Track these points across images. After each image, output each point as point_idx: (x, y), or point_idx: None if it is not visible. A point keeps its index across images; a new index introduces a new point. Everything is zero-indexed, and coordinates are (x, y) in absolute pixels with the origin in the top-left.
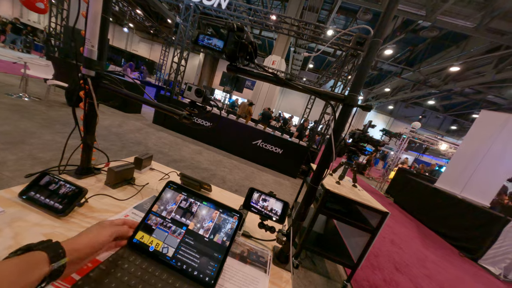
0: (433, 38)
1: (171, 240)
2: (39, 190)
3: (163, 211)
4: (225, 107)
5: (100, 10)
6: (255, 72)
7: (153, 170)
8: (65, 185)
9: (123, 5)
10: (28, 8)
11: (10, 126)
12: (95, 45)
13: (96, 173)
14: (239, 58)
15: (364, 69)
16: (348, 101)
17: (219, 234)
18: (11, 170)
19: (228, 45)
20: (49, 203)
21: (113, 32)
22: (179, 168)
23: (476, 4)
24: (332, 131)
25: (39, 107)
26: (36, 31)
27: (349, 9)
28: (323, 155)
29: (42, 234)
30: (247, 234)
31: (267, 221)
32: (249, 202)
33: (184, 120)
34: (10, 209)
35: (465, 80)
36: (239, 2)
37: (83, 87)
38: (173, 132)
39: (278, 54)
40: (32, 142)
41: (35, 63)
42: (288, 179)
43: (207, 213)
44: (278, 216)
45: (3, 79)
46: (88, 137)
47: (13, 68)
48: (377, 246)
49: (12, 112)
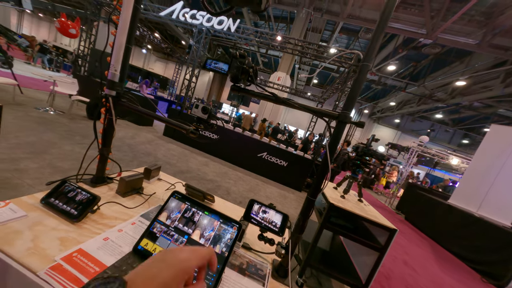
0: (436, 54)
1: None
2: (58, 197)
3: (168, 220)
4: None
5: (124, 41)
6: (256, 92)
7: (160, 180)
8: (81, 193)
9: (143, 30)
10: (62, 34)
11: (35, 137)
12: (118, 70)
13: (109, 182)
14: (242, 80)
15: (355, 90)
16: (341, 118)
17: (219, 244)
18: (32, 178)
19: (231, 69)
20: (66, 208)
21: (133, 53)
22: (185, 179)
23: (477, 22)
24: (328, 145)
25: (62, 120)
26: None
27: (351, 29)
28: (320, 168)
29: (57, 238)
30: (247, 246)
31: (267, 233)
32: (249, 214)
33: (191, 135)
34: (32, 213)
35: (473, 94)
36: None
37: (104, 105)
38: (181, 144)
39: (284, 71)
40: (53, 152)
41: (63, 81)
42: (293, 192)
43: (208, 223)
44: (278, 228)
45: (34, 95)
46: (104, 149)
47: (44, 85)
48: (388, 267)
49: (38, 124)
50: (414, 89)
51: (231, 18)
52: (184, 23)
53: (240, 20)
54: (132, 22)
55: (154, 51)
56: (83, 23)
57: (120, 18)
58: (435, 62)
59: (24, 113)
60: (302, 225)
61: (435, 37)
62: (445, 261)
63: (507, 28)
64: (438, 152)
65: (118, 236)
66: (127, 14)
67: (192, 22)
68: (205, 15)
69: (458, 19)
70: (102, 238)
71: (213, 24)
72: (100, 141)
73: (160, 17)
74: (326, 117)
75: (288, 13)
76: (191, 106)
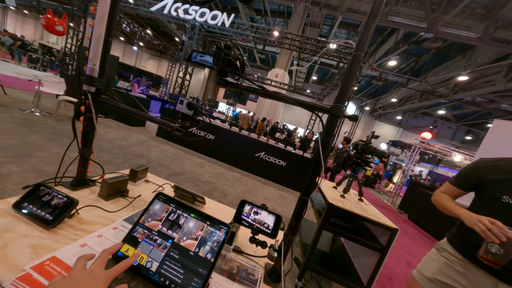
0: (437, 48)
1: (156, 253)
2: (32, 201)
3: (151, 223)
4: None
5: (103, 33)
6: (244, 85)
7: (148, 182)
8: (58, 196)
9: (134, 26)
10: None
11: (18, 140)
12: (97, 64)
13: (91, 185)
14: (228, 73)
15: (348, 81)
16: (334, 112)
17: (205, 248)
18: (15, 182)
19: (217, 61)
20: (40, 214)
21: (124, 51)
22: (180, 181)
23: (478, 15)
24: (320, 142)
25: (48, 121)
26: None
27: (350, 23)
28: (313, 166)
29: (29, 245)
30: (239, 249)
31: (259, 235)
32: (240, 215)
33: (176, 132)
34: (2, 219)
35: (475, 89)
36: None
37: (83, 102)
38: (175, 145)
39: (281, 67)
40: (38, 155)
41: (49, 80)
42: (293, 193)
43: (194, 226)
44: (270, 230)
45: (19, 95)
46: (85, 150)
47: (29, 85)
48: (390, 267)
49: (22, 127)
50: (416, 84)
51: (225, 13)
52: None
53: (236, 15)
54: (111, 12)
55: (146, 48)
56: (70, 20)
57: (98, 7)
58: (437, 57)
59: (8, 115)
60: (295, 226)
61: (436, 31)
62: None
63: (509, 21)
64: (441, 149)
65: (97, 242)
66: (106, 4)
67: (185, 17)
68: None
69: (459, 12)
70: (79, 245)
71: (207, 19)
72: (80, 141)
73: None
74: (318, 110)
75: (286, 8)
76: (175, 101)
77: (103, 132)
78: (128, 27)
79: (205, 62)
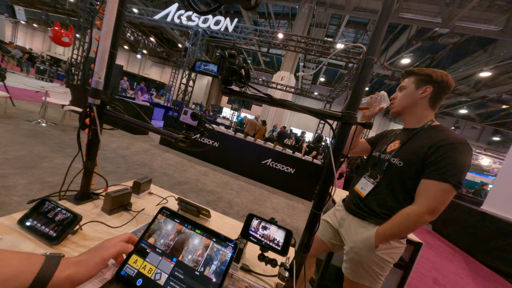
0: (455, 44)
1: (160, 273)
2: (37, 217)
3: (155, 241)
4: (233, 125)
5: (108, 47)
6: (249, 94)
7: (151, 195)
8: (62, 212)
9: (138, 34)
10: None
11: (25, 150)
12: (102, 77)
13: (95, 198)
14: (233, 81)
15: (359, 87)
16: (346, 119)
17: (211, 267)
18: (20, 194)
19: (221, 71)
20: (44, 230)
21: (128, 59)
22: (183, 190)
23: (498, 7)
24: (332, 151)
25: (54, 131)
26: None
27: (358, 22)
28: (324, 177)
29: None
30: (247, 267)
31: (268, 253)
32: (248, 230)
33: (180, 143)
34: (7, 236)
35: (500, 85)
36: (245, 24)
37: (88, 115)
38: (179, 153)
39: (287, 70)
40: (43, 166)
41: (55, 91)
42: (303, 202)
43: (199, 243)
44: (280, 246)
45: (26, 106)
46: (89, 163)
47: (36, 96)
48: (415, 286)
49: (28, 137)
50: None
51: (228, 18)
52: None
53: (239, 19)
54: (117, 26)
55: (149, 55)
56: (76, 31)
57: (104, 22)
58: (455, 53)
59: (15, 126)
60: (308, 243)
61: (452, 26)
62: (482, 278)
63: None
64: None
65: None
66: (111, 18)
67: (188, 24)
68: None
69: (476, 5)
70: None
71: (210, 25)
72: (85, 154)
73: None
74: (328, 118)
75: (290, 9)
76: (179, 109)
77: (106, 141)
78: (132, 35)
79: (209, 71)
